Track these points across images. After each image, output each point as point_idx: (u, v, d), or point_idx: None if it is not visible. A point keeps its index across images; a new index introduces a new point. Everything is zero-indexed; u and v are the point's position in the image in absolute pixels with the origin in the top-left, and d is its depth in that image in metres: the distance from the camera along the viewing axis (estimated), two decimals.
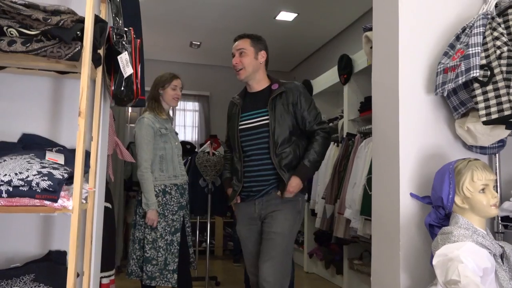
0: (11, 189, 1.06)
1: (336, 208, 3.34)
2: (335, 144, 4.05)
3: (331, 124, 4.41)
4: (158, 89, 2.65)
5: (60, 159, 1.29)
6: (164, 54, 5.97)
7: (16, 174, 1.08)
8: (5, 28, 1.11)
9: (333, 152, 4.02)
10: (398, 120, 1.66)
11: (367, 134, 3.29)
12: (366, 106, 3.56)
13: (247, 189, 2.13)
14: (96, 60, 1.35)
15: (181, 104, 6.35)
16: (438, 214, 1.49)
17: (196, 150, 5.23)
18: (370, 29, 2.06)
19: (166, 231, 2.51)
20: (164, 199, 2.53)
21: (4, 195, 1.06)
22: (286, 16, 4.69)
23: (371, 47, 1.95)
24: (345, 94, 3.87)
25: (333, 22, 4.85)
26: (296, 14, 4.65)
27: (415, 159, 1.66)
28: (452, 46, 1.60)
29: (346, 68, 3.83)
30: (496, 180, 1.67)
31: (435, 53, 1.71)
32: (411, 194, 1.63)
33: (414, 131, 1.68)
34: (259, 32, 2.48)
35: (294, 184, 2.03)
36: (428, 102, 1.70)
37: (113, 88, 1.40)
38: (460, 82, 1.47)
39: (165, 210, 2.51)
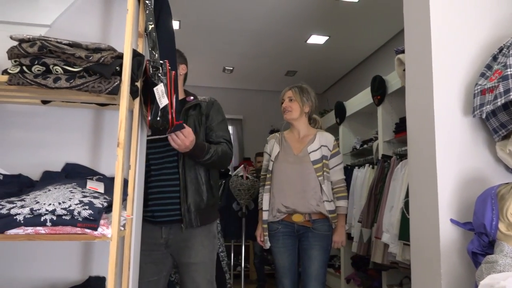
0: (54, 218, 1.11)
1: (373, 232, 3.25)
2: (370, 166, 3.98)
3: (365, 146, 4.35)
4: None
5: (100, 187, 1.34)
6: (198, 79, 6.13)
7: (59, 203, 1.13)
8: (51, 66, 1.19)
9: (368, 174, 3.95)
10: (435, 143, 1.62)
11: (403, 156, 3.22)
12: (401, 127, 3.49)
13: None
14: (134, 92, 1.41)
15: None
16: (481, 241, 1.43)
17: (230, 173, 5.28)
18: (402, 52, 2.05)
19: None
20: None
21: (48, 223, 1.11)
22: (317, 39, 4.74)
23: (404, 70, 1.94)
24: (379, 115, 3.82)
25: (364, 44, 4.85)
26: (327, 37, 4.69)
27: (454, 183, 1.61)
28: (489, 67, 1.56)
29: (379, 89, 3.80)
30: None
31: (470, 74, 1.67)
32: (452, 220, 1.57)
33: (452, 154, 1.63)
34: (291, 56, 2.58)
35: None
36: (465, 124, 1.65)
37: (149, 118, 1.46)
38: (499, 104, 1.42)
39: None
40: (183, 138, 1.70)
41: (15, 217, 1.10)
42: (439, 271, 1.54)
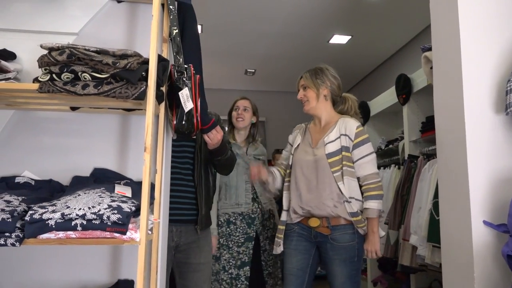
0: (85, 222, 1.13)
1: (401, 234, 3.18)
2: (396, 166, 3.91)
3: (390, 146, 4.27)
4: (230, 114, 2.69)
5: (128, 192, 1.36)
6: (220, 82, 6.17)
7: (89, 208, 1.15)
8: (79, 73, 1.22)
9: (394, 175, 3.87)
10: (465, 142, 1.58)
11: (430, 156, 3.14)
12: (428, 126, 3.41)
13: None
14: (159, 97, 1.42)
15: None
16: None
17: None
18: (429, 49, 2.00)
19: (231, 264, 2.41)
20: (228, 229, 2.46)
21: (79, 228, 1.13)
22: (339, 39, 4.69)
23: (431, 68, 1.89)
24: (405, 114, 3.74)
25: (388, 42, 4.77)
26: (350, 37, 4.63)
27: (487, 184, 1.55)
28: None
29: (404, 88, 3.72)
30: None
31: (502, 71, 1.61)
32: (485, 222, 1.52)
33: (484, 153, 1.57)
34: (312, 56, 2.51)
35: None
36: (497, 122, 1.60)
37: (175, 122, 1.47)
38: None
39: (229, 241, 2.42)
40: (216, 134, 1.79)
41: (47, 222, 1.12)
42: (472, 275, 1.49)
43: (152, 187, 1.45)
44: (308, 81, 2.13)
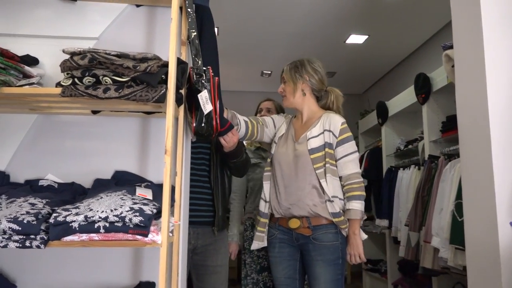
0: (107, 225, 1.14)
1: (422, 236, 3.12)
2: (416, 167, 3.84)
3: (410, 146, 4.20)
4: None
5: (149, 194, 1.37)
6: (236, 85, 6.18)
7: (111, 210, 1.16)
8: (100, 77, 1.23)
9: (414, 175, 3.81)
10: (490, 141, 1.54)
11: (452, 156, 3.08)
12: (448, 125, 3.35)
13: None
14: (178, 100, 1.42)
15: None
16: None
17: None
18: (450, 47, 1.96)
19: (252, 268, 2.41)
20: (251, 233, 2.45)
21: (102, 230, 1.14)
22: (356, 39, 4.65)
23: (452, 66, 1.85)
24: (424, 114, 3.68)
25: (406, 41, 4.70)
26: (366, 36, 4.59)
27: None
28: None
29: (423, 87, 3.66)
30: None
31: None
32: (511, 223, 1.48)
33: (510, 151, 1.53)
34: (329, 57, 2.46)
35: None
36: None
37: (194, 124, 1.47)
38: None
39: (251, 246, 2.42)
40: (232, 136, 1.80)
41: (70, 224, 1.14)
42: (499, 281, 1.45)
43: (173, 189, 1.45)
44: (287, 75, 2.03)
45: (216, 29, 4.36)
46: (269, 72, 5.78)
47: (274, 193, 1.97)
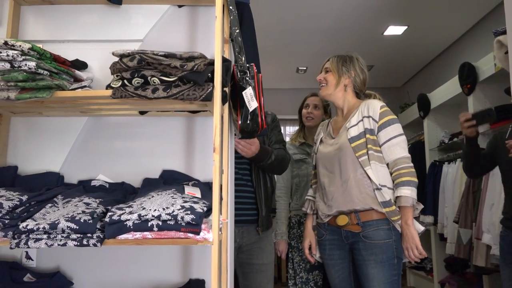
0: (160, 223, 1.15)
1: (474, 233, 2.99)
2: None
3: (455, 139, 4.04)
4: (300, 112, 2.62)
5: (197, 192, 1.37)
6: (271, 82, 6.16)
7: (163, 209, 1.17)
8: (149, 77, 1.25)
9: (460, 170, 3.66)
10: None
11: None
12: (498, 116, 3.18)
13: None
14: (223, 98, 1.42)
15: (291, 128, 6.44)
16: None
17: None
18: (503, 33, 1.85)
19: (301, 267, 2.36)
20: (299, 231, 2.41)
21: (155, 228, 1.15)
22: (395, 30, 4.51)
23: (506, 52, 1.75)
24: (470, 105, 3.53)
25: (448, 30, 4.51)
26: (406, 27, 4.44)
27: None
28: None
29: (469, 77, 3.50)
30: None
31: None
32: None
33: None
34: (367, 50, 2.39)
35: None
36: None
37: (240, 122, 1.47)
38: None
39: (299, 243, 2.34)
40: (245, 145, 1.83)
41: (125, 223, 1.16)
42: None
43: (220, 187, 1.45)
44: (332, 65, 1.97)
45: None
46: (305, 68, 5.72)
47: (322, 194, 1.90)
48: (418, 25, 4.39)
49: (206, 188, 1.48)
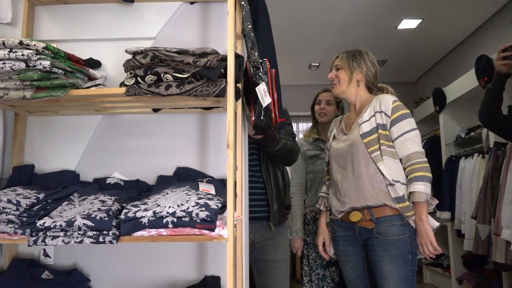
0: (175, 220, 1.15)
1: (493, 229, 2.93)
2: (480, 155, 3.62)
3: (472, 134, 3.97)
4: (312, 108, 2.61)
5: (212, 189, 1.37)
6: (283, 78, 6.08)
7: (178, 206, 1.17)
8: (162, 74, 1.25)
9: (478, 164, 3.60)
10: None
11: None
12: None
13: None
14: (236, 94, 1.41)
15: (304, 125, 6.41)
16: None
17: None
18: None
19: (317, 263, 2.34)
20: (314, 227, 2.39)
21: (170, 225, 1.15)
22: (409, 23, 4.45)
23: None
24: None
25: (463, 22, 4.43)
26: (420, 20, 4.37)
27: None
28: None
29: (486, 70, 3.42)
30: None
31: None
32: None
33: None
34: (380, 44, 2.37)
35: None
36: None
37: (253, 118, 1.46)
38: None
39: (315, 240, 2.31)
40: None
41: (140, 220, 1.16)
42: None
43: (234, 184, 1.45)
44: (343, 62, 1.96)
45: None
46: (317, 64, 5.68)
47: (335, 190, 1.90)
48: (433, 17, 4.32)
49: (220, 184, 1.48)
